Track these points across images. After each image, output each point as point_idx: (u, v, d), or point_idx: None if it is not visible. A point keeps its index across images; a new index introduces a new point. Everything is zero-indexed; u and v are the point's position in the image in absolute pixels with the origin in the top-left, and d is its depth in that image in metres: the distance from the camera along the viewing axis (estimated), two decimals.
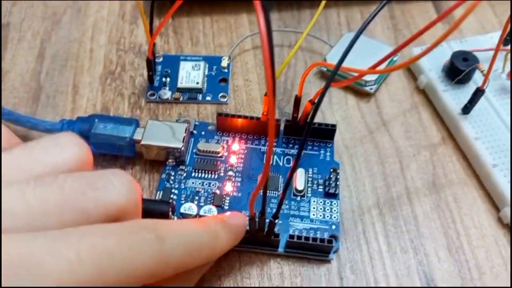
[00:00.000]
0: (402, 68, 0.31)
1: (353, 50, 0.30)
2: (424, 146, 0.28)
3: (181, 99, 0.30)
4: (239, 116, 0.27)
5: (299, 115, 0.27)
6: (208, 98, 0.30)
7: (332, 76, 0.21)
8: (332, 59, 0.31)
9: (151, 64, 0.29)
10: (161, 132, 0.26)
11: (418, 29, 0.35)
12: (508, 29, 0.31)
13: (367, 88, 0.30)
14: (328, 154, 0.27)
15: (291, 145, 0.28)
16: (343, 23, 0.35)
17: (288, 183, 0.20)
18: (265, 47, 0.16)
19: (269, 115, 0.16)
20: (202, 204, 0.25)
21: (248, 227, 0.22)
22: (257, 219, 0.21)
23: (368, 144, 0.29)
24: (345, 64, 0.30)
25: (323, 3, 0.28)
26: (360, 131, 0.29)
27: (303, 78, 0.25)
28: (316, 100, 0.25)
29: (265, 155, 0.27)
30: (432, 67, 0.30)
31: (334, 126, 0.27)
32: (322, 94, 0.21)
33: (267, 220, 0.21)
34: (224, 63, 0.32)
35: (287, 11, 0.36)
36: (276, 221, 0.22)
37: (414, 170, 0.27)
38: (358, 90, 0.31)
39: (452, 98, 0.29)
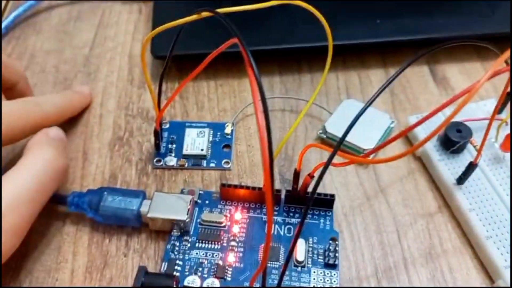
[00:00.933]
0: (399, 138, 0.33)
1: (350, 116, 0.32)
2: (421, 214, 0.29)
3: (186, 165, 0.31)
4: (242, 187, 0.28)
5: (299, 186, 0.28)
6: (212, 164, 0.32)
7: (329, 161, 0.22)
8: (331, 127, 0.33)
9: (158, 135, 0.31)
10: (167, 204, 0.27)
11: (413, 94, 0.37)
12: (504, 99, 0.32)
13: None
14: (327, 223, 0.28)
15: (291, 214, 0.29)
16: (341, 87, 0.37)
17: (291, 253, 0.21)
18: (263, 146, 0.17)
19: (267, 220, 0.17)
20: (206, 275, 0.26)
21: None
22: None
23: (367, 212, 0.30)
24: (341, 130, 0.31)
25: (324, 75, 0.30)
26: (358, 198, 0.30)
27: (301, 155, 0.26)
28: (315, 174, 0.27)
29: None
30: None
31: (333, 196, 0.28)
32: (320, 177, 0.22)
33: None
34: (228, 129, 0.33)
35: (288, 75, 0.38)
36: None
37: (411, 239, 0.28)
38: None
39: (447, 168, 0.30)
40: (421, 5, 0.39)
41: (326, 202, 0.28)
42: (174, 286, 0.24)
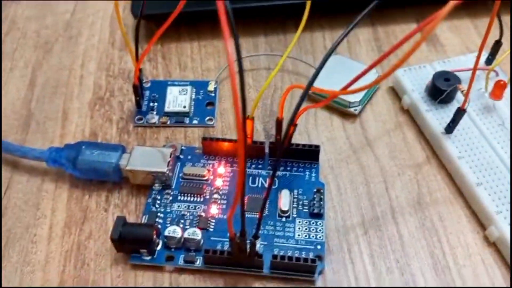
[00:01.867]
0: (378, 83, 0.32)
1: (337, 72, 0.31)
2: (409, 165, 0.29)
3: (168, 122, 0.31)
4: (224, 140, 0.28)
5: (282, 136, 0.27)
6: (195, 121, 0.31)
7: (303, 96, 0.21)
8: (316, 81, 0.32)
9: (137, 90, 0.30)
10: (147, 157, 0.26)
11: (402, 51, 0.36)
12: (487, 48, 0.32)
13: (352, 109, 0.31)
14: (313, 175, 0.28)
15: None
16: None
17: (265, 201, 0.20)
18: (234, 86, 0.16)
19: (238, 143, 0.16)
20: (188, 226, 0.25)
21: (230, 248, 0.22)
22: (237, 240, 0.21)
23: (353, 164, 0.29)
24: (328, 86, 0.30)
25: (302, 23, 0.29)
26: (345, 151, 0.29)
27: (282, 100, 0.25)
28: (292, 120, 0.26)
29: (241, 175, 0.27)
30: (415, 87, 0.31)
31: (318, 147, 0.27)
32: (294, 113, 0.21)
33: (248, 241, 0.21)
34: (211, 87, 0.32)
35: (274, 35, 0.37)
36: (257, 240, 0.22)
37: (399, 189, 0.27)
38: (343, 111, 0.31)
39: (435, 118, 0.29)
40: None
41: (311, 153, 0.28)
42: (154, 236, 0.24)
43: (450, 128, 0.28)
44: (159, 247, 0.24)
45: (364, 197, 0.27)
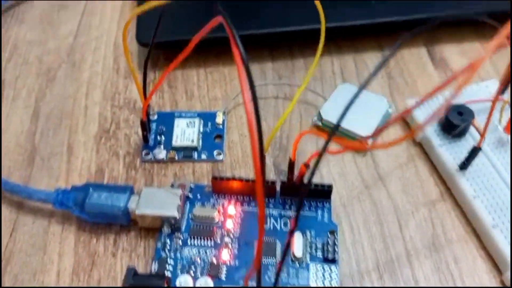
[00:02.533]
0: (397, 121, 0.31)
1: (347, 103, 0.30)
2: (422, 202, 0.28)
3: (176, 158, 0.30)
4: (234, 179, 0.27)
5: (294, 176, 0.27)
6: (204, 156, 0.30)
7: (324, 148, 0.21)
8: (326, 113, 0.31)
9: (145, 126, 0.29)
10: (156, 200, 0.26)
11: (411, 77, 0.35)
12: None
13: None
14: (325, 215, 0.27)
15: (288, 206, 0.27)
16: (337, 72, 0.35)
17: (286, 252, 0.19)
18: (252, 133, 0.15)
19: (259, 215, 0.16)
20: (199, 275, 0.25)
21: None
22: None
23: (366, 201, 0.28)
24: (338, 118, 0.30)
25: (317, 56, 0.28)
26: (357, 187, 0.29)
27: (295, 144, 0.25)
28: (310, 163, 0.25)
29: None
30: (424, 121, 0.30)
31: (330, 187, 0.27)
32: (315, 164, 0.21)
33: None
34: (219, 119, 0.32)
35: (281, 60, 0.36)
36: None
37: (413, 229, 0.27)
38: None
39: (449, 153, 0.28)
40: None
41: (323, 193, 0.27)
42: (165, 287, 0.23)
43: (464, 165, 0.27)
44: None
45: (378, 238, 0.27)
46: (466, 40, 0.37)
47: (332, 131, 0.21)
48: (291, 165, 0.26)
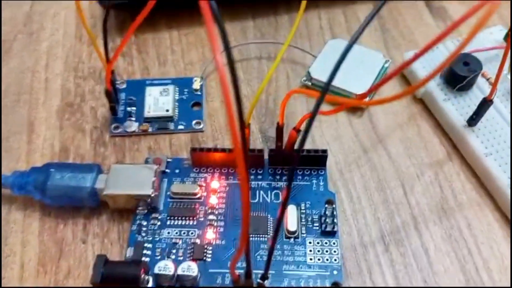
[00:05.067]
0: (395, 76, 0.28)
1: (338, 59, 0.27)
2: (428, 164, 0.25)
3: (150, 130, 0.27)
4: (216, 150, 0.24)
5: (284, 143, 0.23)
6: (181, 126, 0.27)
7: (316, 108, 0.18)
8: (316, 72, 0.28)
9: (111, 95, 0.26)
10: (127, 178, 0.23)
11: (408, 28, 0.32)
12: None
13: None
14: (321, 183, 0.24)
15: (278, 177, 0.24)
16: (325, 27, 0.32)
17: (278, 227, 0.16)
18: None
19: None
20: (181, 258, 0.22)
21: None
22: (241, 284, 0.18)
23: (365, 166, 0.25)
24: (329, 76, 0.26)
25: (301, 9, 0.25)
26: (354, 151, 0.26)
27: (282, 106, 0.22)
28: (301, 128, 0.22)
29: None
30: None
31: (325, 151, 0.24)
32: (308, 124, 0.17)
33: (255, 284, 0.18)
34: (196, 84, 0.28)
35: (263, 18, 0.33)
36: (266, 281, 0.18)
37: (419, 194, 0.24)
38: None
39: (455, 108, 0.25)
40: None
41: (318, 160, 0.24)
42: (142, 274, 0.20)
43: (473, 121, 0.24)
44: (149, 285, 0.21)
45: (381, 206, 0.24)
46: None
47: (324, 89, 0.18)
48: (279, 130, 0.23)
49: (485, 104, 0.24)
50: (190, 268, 0.20)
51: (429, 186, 0.24)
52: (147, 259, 0.22)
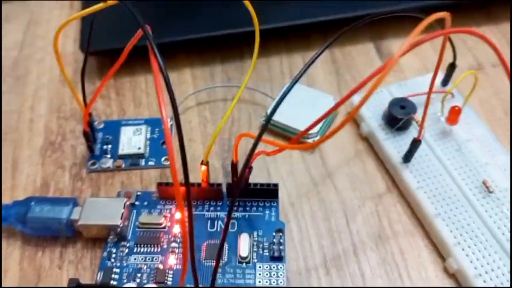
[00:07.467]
0: (335, 111, 0.31)
1: (294, 102, 0.31)
2: (370, 197, 0.28)
3: (123, 166, 0.30)
4: (181, 184, 0.27)
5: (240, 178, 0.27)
6: (151, 163, 0.30)
7: (252, 150, 0.21)
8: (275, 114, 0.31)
9: (88, 135, 0.29)
10: (100, 210, 0.26)
11: (359, 72, 0.36)
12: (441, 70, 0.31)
13: (310, 140, 0.30)
14: (273, 214, 0.27)
15: (235, 208, 0.27)
16: (285, 72, 0.35)
17: (221, 250, 0.19)
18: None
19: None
20: (145, 281, 0.24)
21: None
22: None
23: (314, 198, 0.28)
24: (286, 119, 0.30)
25: (254, 57, 0.28)
26: (305, 185, 0.29)
27: (235, 146, 0.25)
28: (246, 164, 0.25)
29: (207, 225, 0.27)
30: (372, 114, 0.30)
31: (276, 185, 0.27)
32: (247, 159, 0.21)
33: None
34: None
35: (230, 62, 0.36)
36: None
37: (360, 223, 0.27)
38: (301, 142, 0.31)
39: (394, 147, 0.29)
40: None
41: (270, 192, 0.27)
42: None
43: (407, 158, 0.28)
44: None
45: (325, 234, 0.27)
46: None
47: (264, 126, 0.22)
48: (234, 166, 0.26)
49: (415, 143, 0.27)
50: None
51: (369, 216, 0.27)
52: (115, 283, 0.24)
